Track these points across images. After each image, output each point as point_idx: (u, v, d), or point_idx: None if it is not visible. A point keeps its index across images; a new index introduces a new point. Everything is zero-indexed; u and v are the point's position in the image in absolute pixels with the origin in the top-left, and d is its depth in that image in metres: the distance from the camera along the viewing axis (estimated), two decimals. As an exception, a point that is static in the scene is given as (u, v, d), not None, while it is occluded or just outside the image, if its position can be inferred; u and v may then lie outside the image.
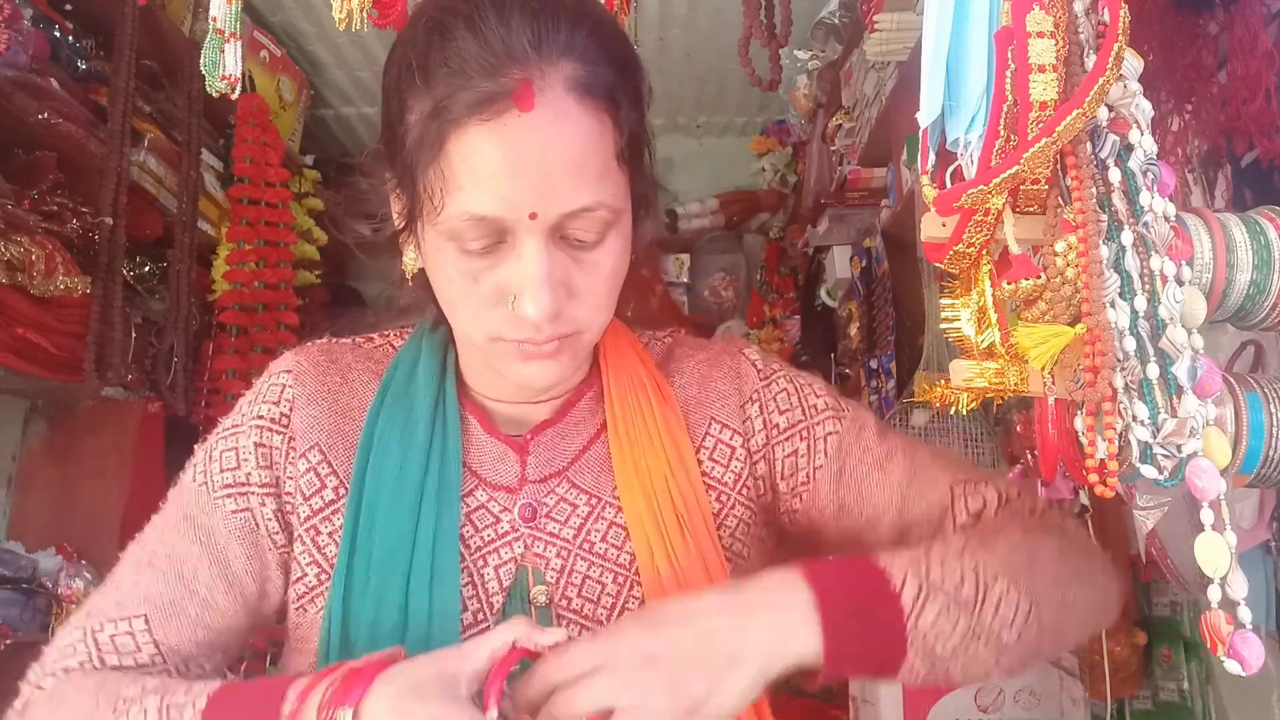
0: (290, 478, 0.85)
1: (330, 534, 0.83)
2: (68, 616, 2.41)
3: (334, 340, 0.93)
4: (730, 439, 0.90)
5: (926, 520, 0.87)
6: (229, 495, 0.85)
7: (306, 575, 0.84)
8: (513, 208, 0.71)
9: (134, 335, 2.52)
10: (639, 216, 0.83)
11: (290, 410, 0.86)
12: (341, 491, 0.84)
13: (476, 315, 0.77)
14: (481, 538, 0.84)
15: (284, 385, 0.87)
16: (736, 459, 0.89)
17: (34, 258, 2.11)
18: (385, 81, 0.80)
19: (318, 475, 0.84)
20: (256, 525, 0.85)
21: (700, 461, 0.88)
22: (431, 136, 0.72)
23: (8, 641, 2.21)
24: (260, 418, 0.86)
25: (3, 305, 2.09)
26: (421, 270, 0.83)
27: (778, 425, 0.90)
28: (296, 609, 0.85)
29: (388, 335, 0.94)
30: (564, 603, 0.83)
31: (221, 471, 0.85)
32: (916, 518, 0.87)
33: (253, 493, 0.85)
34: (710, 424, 0.90)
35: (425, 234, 0.78)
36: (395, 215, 0.83)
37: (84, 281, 2.23)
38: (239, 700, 0.73)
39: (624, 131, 0.77)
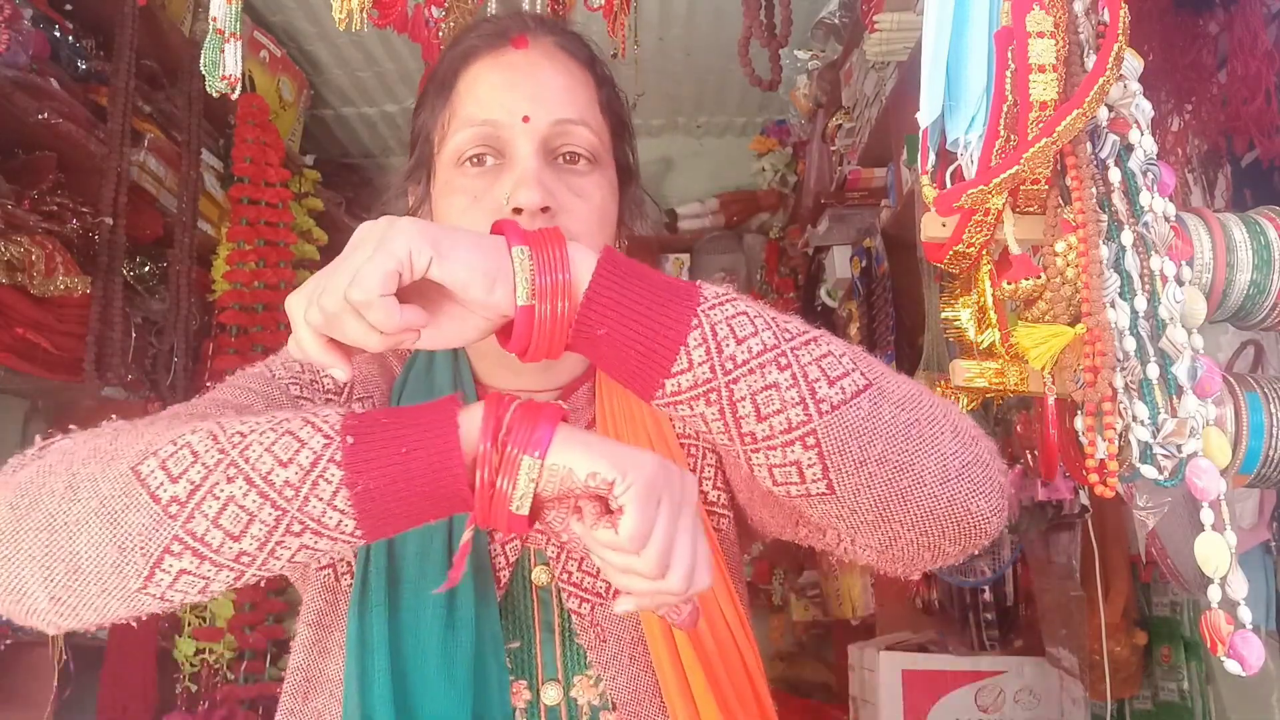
0: None
1: None
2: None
3: None
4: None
5: None
6: (293, 383, 0.88)
7: None
8: (507, 112, 0.84)
9: (134, 335, 2.52)
10: (625, 187, 0.93)
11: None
12: None
13: (478, 229, 0.77)
14: None
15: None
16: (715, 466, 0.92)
17: (34, 258, 2.11)
18: (416, 107, 0.94)
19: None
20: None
21: (693, 468, 0.90)
22: (445, 84, 0.88)
23: (8, 641, 2.21)
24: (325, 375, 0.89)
25: (3, 305, 2.09)
26: None
27: None
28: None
29: None
30: (565, 576, 0.85)
31: (284, 366, 0.89)
32: None
33: (319, 393, 0.88)
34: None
35: (436, 176, 0.88)
36: (411, 202, 0.94)
37: (84, 281, 2.23)
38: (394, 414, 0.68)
39: (603, 91, 0.91)
